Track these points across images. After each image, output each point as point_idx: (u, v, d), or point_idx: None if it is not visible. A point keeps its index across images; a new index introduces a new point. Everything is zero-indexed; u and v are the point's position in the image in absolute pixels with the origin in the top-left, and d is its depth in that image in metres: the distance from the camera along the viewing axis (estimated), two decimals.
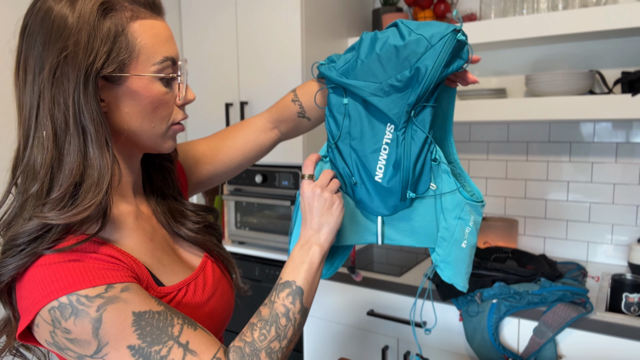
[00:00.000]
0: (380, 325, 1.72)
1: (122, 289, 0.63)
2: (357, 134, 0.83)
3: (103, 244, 0.67)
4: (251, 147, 0.99)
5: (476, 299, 1.49)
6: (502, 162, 2.01)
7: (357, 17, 2.11)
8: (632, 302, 1.45)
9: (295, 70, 1.83)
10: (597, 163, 1.83)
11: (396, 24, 0.80)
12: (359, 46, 0.82)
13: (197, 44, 2.11)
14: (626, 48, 1.72)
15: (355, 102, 0.83)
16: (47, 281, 0.60)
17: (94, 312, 0.60)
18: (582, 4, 1.64)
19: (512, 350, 1.48)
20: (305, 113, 0.96)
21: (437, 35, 0.75)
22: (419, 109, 0.80)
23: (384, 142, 0.82)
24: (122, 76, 0.66)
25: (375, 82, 0.80)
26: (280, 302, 0.72)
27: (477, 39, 1.73)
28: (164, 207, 0.83)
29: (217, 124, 2.09)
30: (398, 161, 0.81)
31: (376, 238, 0.88)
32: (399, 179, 0.82)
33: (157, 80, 0.69)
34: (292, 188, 1.96)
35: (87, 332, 0.60)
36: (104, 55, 0.63)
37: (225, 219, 2.21)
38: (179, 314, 0.66)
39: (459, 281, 0.86)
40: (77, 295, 0.60)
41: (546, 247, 1.96)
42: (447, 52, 0.75)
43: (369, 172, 0.83)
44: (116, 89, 0.67)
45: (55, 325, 0.60)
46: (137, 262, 0.70)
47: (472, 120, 1.79)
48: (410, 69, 0.77)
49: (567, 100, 1.60)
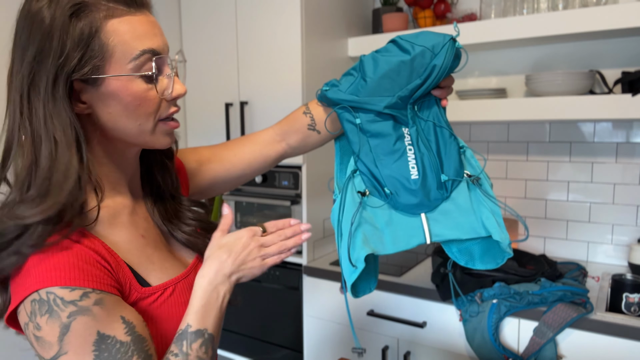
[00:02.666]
0: (380, 325, 1.72)
1: (96, 301, 0.62)
2: (378, 148, 0.87)
3: (93, 237, 0.67)
4: (256, 156, 0.99)
5: (476, 299, 1.49)
6: (502, 162, 2.01)
7: (357, 17, 2.11)
8: (633, 302, 1.45)
9: (295, 70, 1.83)
10: (597, 163, 1.83)
11: (394, 40, 0.87)
12: (362, 67, 0.88)
13: (197, 44, 2.11)
14: (626, 48, 1.72)
15: (368, 117, 0.87)
16: (37, 269, 0.61)
17: (65, 317, 0.60)
18: (582, 4, 1.64)
19: (512, 351, 1.48)
20: (316, 126, 0.96)
21: (438, 45, 0.83)
22: (419, 104, 0.88)
23: (407, 144, 0.86)
24: (98, 78, 0.65)
25: (388, 96, 0.85)
26: (194, 354, 0.69)
27: (477, 39, 1.73)
28: (160, 206, 0.82)
29: (217, 124, 2.09)
30: (422, 154, 0.86)
31: (424, 237, 0.87)
32: (430, 169, 0.85)
33: (137, 78, 0.67)
34: (292, 188, 1.96)
35: (54, 334, 0.60)
36: (76, 58, 0.63)
37: None
38: (141, 353, 0.64)
39: (506, 236, 0.85)
40: (54, 295, 0.60)
41: (546, 247, 1.96)
42: (450, 57, 0.83)
43: (405, 175, 0.85)
44: (95, 91, 0.66)
45: (30, 318, 0.61)
46: (120, 263, 0.69)
47: (472, 120, 1.79)
48: (420, 77, 0.84)
49: (567, 100, 1.60)
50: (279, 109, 1.90)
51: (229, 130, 2.04)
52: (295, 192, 1.95)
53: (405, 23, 1.98)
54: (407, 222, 0.87)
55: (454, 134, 0.89)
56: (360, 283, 0.88)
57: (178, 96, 0.72)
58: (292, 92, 1.85)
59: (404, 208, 0.87)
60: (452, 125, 0.94)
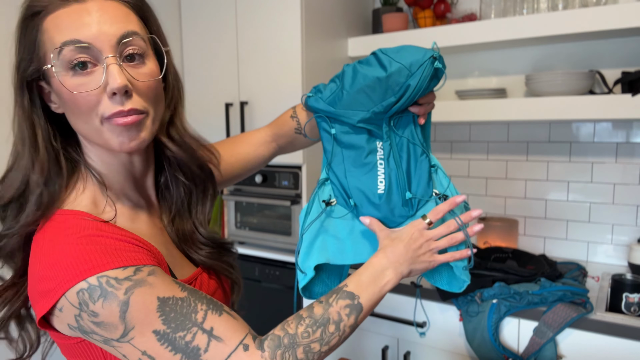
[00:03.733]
0: (380, 325, 1.72)
1: (149, 272, 0.63)
2: (350, 159, 0.87)
3: (124, 230, 0.68)
4: (250, 157, 1.00)
5: (476, 299, 1.49)
6: (502, 162, 2.01)
7: (357, 17, 2.11)
8: (632, 302, 1.45)
9: (295, 70, 1.83)
10: (597, 163, 1.83)
11: (375, 53, 0.86)
12: (342, 77, 0.87)
13: (197, 44, 2.11)
14: (626, 48, 1.72)
15: (343, 128, 0.87)
16: (74, 262, 0.60)
17: (122, 294, 0.60)
18: (582, 4, 1.64)
19: (512, 351, 1.48)
20: (302, 130, 0.98)
21: (416, 64, 0.81)
22: (395, 119, 0.87)
23: (378, 158, 0.86)
24: (42, 75, 0.67)
25: (362, 110, 0.85)
26: (336, 308, 0.71)
27: (477, 39, 1.73)
28: (178, 224, 0.81)
29: (217, 124, 2.09)
30: (391, 169, 0.85)
31: None
32: (396, 185, 0.85)
33: (67, 72, 0.63)
34: (292, 188, 1.96)
35: (114, 315, 0.60)
36: (26, 60, 0.66)
37: (225, 219, 2.21)
38: (203, 299, 0.66)
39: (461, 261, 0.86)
40: (107, 277, 0.60)
41: (546, 247, 1.96)
42: (427, 78, 0.81)
43: (372, 189, 0.85)
44: (51, 89, 0.67)
45: (82, 309, 0.60)
46: (154, 249, 0.70)
47: (472, 120, 1.79)
48: (395, 95, 0.82)
49: (567, 100, 1.60)
50: (279, 109, 1.89)
51: (229, 130, 2.04)
52: (295, 192, 1.95)
53: (405, 23, 1.98)
54: (370, 235, 0.87)
55: (428, 151, 0.89)
56: (315, 286, 0.91)
57: (113, 90, 0.62)
58: (292, 92, 1.85)
59: None
60: (452, 125, 0.94)
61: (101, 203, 0.70)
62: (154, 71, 0.68)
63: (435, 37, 1.81)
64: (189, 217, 0.82)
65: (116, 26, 0.64)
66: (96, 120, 0.65)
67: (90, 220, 0.66)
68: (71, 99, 0.64)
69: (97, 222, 0.66)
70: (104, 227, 0.66)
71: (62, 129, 0.71)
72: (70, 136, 0.72)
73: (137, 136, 0.67)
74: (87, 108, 0.64)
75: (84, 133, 0.68)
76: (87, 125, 0.66)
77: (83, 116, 0.65)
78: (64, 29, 0.63)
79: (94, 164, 0.72)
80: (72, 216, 0.67)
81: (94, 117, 0.65)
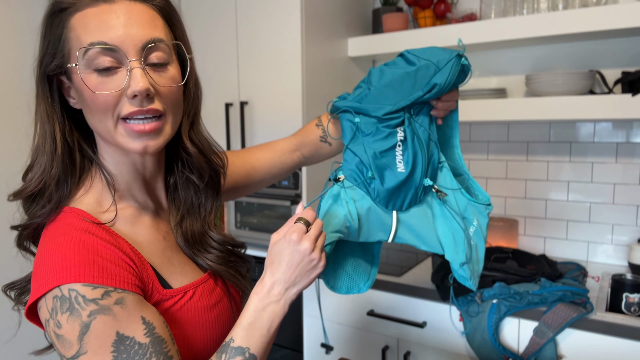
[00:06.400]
0: (380, 325, 1.72)
1: (117, 300, 0.62)
2: (370, 141, 0.88)
3: (118, 236, 0.68)
4: (275, 163, 1.01)
5: (476, 299, 1.49)
6: (502, 162, 2.01)
7: (357, 17, 2.11)
8: (633, 302, 1.45)
9: (295, 70, 1.83)
10: (597, 163, 1.83)
11: (403, 54, 0.90)
12: (369, 78, 0.91)
13: (197, 44, 2.11)
14: (626, 48, 1.72)
15: (368, 120, 0.89)
16: (57, 264, 0.61)
17: (86, 316, 0.60)
18: (582, 4, 1.64)
19: (512, 351, 1.48)
20: (327, 138, 1.00)
21: (443, 61, 0.86)
22: (415, 109, 0.89)
23: (399, 139, 0.88)
24: (65, 72, 0.68)
25: (389, 104, 0.87)
26: None
27: (477, 39, 1.73)
28: (187, 226, 0.79)
29: (217, 124, 2.09)
30: (416, 152, 0.87)
31: (388, 236, 0.90)
32: (420, 168, 0.86)
33: (91, 71, 0.64)
34: (292, 188, 1.96)
35: (74, 333, 0.60)
36: (50, 54, 0.67)
37: (225, 219, 2.21)
38: (160, 355, 0.63)
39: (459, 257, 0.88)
40: (76, 292, 0.60)
41: (546, 247, 1.96)
42: (455, 74, 0.86)
43: (390, 167, 0.86)
44: (72, 85, 0.68)
45: (52, 315, 0.61)
46: (144, 263, 0.70)
47: (472, 120, 1.79)
48: (422, 89, 0.86)
49: (567, 100, 1.60)
50: (279, 109, 1.90)
51: (229, 130, 2.04)
52: (295, 192, 1.95)
53: (405, 23, 1.98)
54: (382, 216, 0.88)
55: (439, 147, 0.92)
56: (339, 280, 0.90)
57: (134, 92, 0.64)
58: (292, 92, 1.85)
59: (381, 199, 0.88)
60: None
61: (105, 203, 0.71)
62: (175, 77, 0.70)
63: (435, 37, 1.81)
64: (199, 217, 0.81)
65: (142, 31, 0.65)
66: (110, 121, 0.66)
67: (85, 221, 0.66)
68: (91, 97, 0.65)
69: (92, 224, 0.67)
70: (95, 231, 0.66)
71: (78, 125, 0.73)
72: (86, 133, 0.74)
73: (153, 141, 0.68)
74: (105, 107, 0.65)
75: (99, 131, 0.69)
76: (102, 122, 0.67)
77: (99, 115, 0.66)
78: (91, 29, 0.64)
79: (106, 163, 0.73)
80: (71, 214, 0.67)
81: (109, 117, 0.66)
